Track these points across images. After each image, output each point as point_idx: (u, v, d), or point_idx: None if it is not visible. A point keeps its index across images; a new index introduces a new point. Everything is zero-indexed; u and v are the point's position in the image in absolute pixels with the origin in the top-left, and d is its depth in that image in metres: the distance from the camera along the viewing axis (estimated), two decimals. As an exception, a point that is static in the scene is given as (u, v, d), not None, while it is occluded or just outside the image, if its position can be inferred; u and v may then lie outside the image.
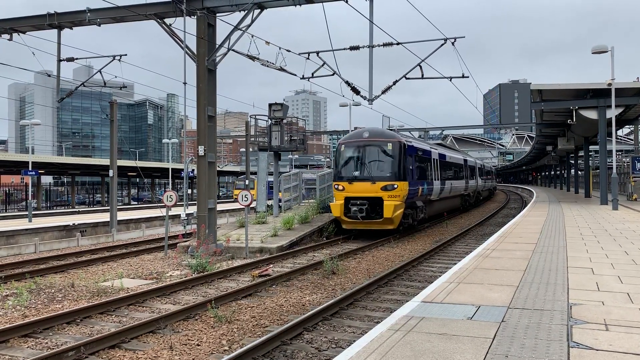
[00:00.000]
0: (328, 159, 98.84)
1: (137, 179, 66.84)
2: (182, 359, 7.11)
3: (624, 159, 53.08)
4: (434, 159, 25.05)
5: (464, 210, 35.84)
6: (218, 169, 46.35)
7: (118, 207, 29.42)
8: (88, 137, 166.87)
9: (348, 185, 19.89)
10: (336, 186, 20.30)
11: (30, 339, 8.22)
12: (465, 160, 35.55)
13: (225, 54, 16.99)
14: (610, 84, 24.10)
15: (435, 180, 24.71)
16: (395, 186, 19.36)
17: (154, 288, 11.25)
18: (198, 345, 7.68)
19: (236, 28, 16.43)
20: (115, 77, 20.34)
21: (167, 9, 16.73)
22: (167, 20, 16.92)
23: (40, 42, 18.63)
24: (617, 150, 45.00)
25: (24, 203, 53.04)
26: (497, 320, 5.76)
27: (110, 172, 26.91)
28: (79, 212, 39.84)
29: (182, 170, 45.03)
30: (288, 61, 18.33)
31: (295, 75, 18.61)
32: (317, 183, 25.31)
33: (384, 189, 19.33)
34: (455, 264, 10.61)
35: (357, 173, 19.95)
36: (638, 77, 28.00)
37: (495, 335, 5.22)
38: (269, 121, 23.89)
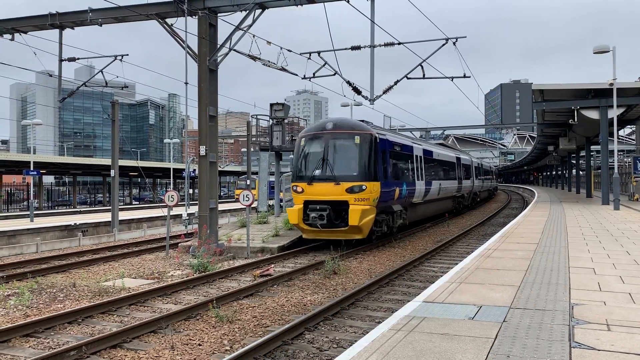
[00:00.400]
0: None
1: (139, 179, 66.87)
2: (183, 359, 7.11)
3: (625, 159, 53.03)
4: (417, 156, 22.17)
5: (458, 214, 32.97)
6: (219, 169, 46.35)
7: (119, 207, 29.44)
8: (89, 137, 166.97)
9: (307, 187, 16.79)
10: (294, 187, 17.21)
11: (32, 339, 8.22)
12: (458, 158, 32.46)
13: (226, 54, 16.99)
14: (611, 84, 24.07)
15: (418, 180, 21.86)
16: (364, 187, 16.34)
17: (156, 288, 11.26)
18: (199, 345, 7.68)
19: (237, 28, 16.43)
20: (117, 77, 20.38)
21: (168, 9, 16.74)
22: (169, 20, 16.93)
23: (41, 42, 18.65)
24: (618, 150, 44.94)
25: (25, 203, 53.12)
26: (498, 320, 5.76)
27: (112, 172, 26.93)
28: (80, 212, 39.87)
29: (184, 170, 45.06)
30: (289, 61, 18.34)
31: (296, 75, 18.61)
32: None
33: (350, 190, 16.33)
34: (457, 263, 10.62)
35: (318, 172, 16.77)
36: (640, 77, 27.94)
37: (496, 335, 5.21)
38: (271, 121, 23.91)
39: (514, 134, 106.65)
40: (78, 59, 19.99)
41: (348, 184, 16.39)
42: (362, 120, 17.98)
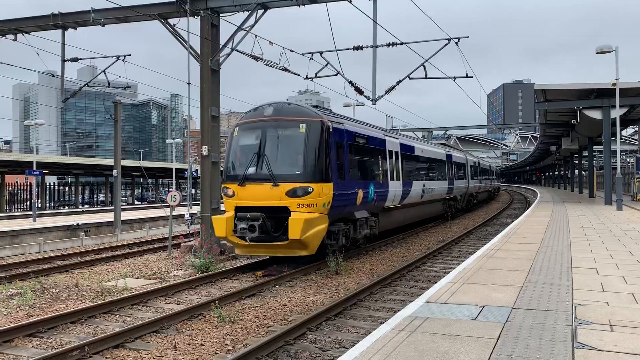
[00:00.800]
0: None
1: (141, 179, 67.00)
2: (186, 359, 7.12)
3: (628, 159, 52.94)
4: (391, 152, 18.57)
5: (449, 218, 29.03)
6: (221, 169, 46.30)
7: (122, 207, 29.48)
8: (92, 137, 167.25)
9: (239, 189, 13.43)
10: (224, 190, 13.83)
11: (34, 339, 8.24)
12: (449, 155, 28.67)
13: (229, 54, 17.01)
14: (614, 84, 24.04)
15: (393, 180, 18.39)
16: (310, 189, 12.87)
17: (158, 288, 11.27)
18: (202, 345, 7.68)
19: (240, 28, 16.44)
20: (119, 77, 20.42)
21: (171, 9, 16.76)
22: (171, 21, 16.96)
23: (44, 43, 18.70)
24: (621, 151, 44.87)
25: (28, 203, 53.26)
26: (501, 320, 5.75)
27: (114, 172, 26.96)
28: (82, 212, 39.94)
29: (186, 170, 45.12)
30: (291, 61, 18.30)
31: (298, 75, 18.60)
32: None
33: (292, 193, 12.87)
34: (459, 264, 10.60)
35: (251, 170, 13.43)
36: (643, 77, 27.92)
37: (499, 335, 5.20)
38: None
39: (517, 134, 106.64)
40: (80, 59, 20.04)
41: (289, 185, 12.94)
42: (316, 106, 14.88)
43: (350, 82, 18.62)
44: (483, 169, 43.42)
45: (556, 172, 78.53)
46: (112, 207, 28.27)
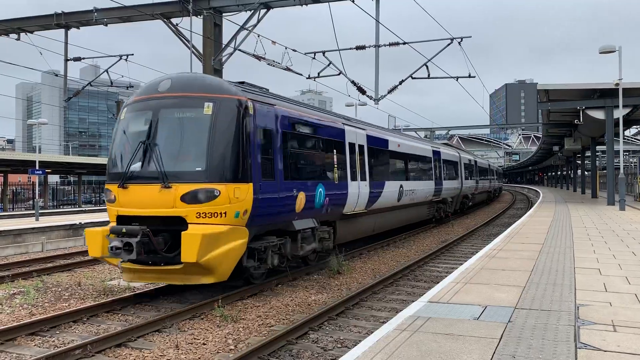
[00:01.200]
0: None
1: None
2: (188, 358, 7.12)
3: (631, 160, 52.85)
4: (353, 145, 15.03)
5: (438, 223, 26.17)
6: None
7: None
8: (95, 136, 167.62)
9: (121, 192, 10.04)
10: (106, 193, 10.44)
11: (37, 337, 8.25)
12: (437, 152, 25.20)
13: (231, 54, 17.03)
14: (617, 84, 24.00)
15: (355, 180, 14.94)
16: (217, 192, 9.51)
17: (160, 287, 11.27)
18: (204, 344, 7.69)
19: (242, 28, 16.45)
20: (122, 76, 20.45)
21: (173, 9, 16.79)
22: (174, 20, 17.01)
23: (47, 42, 18.83)
24: (624, 151, 44.78)
25: (30, 202, 53.36)
26: (503, 320, 5.74)
27: (117, 172, 26.96)
28: (85, 212, 40.01)
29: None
30: (294, 61, 18.31)
31: (301, 74, 18.63)
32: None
33: (190, 199, 9.52)
34: (462, 264, 10.60)
35: (135, 167, 9.96)
36: (646, 77, 27.87)
37: (502, 335, 5.20)
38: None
39: (519, 134, 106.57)
40: (83, 58, 20.08)
41: (186, 187, 9.49)
42: (241, 82, 11.33)
43: (352, 82, 18.63)
44: (481, 168, 40.27)
45: (559, 173, 78.42)
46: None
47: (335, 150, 13.88)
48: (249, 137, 10.07)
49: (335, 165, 13.83)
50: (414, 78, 19.18)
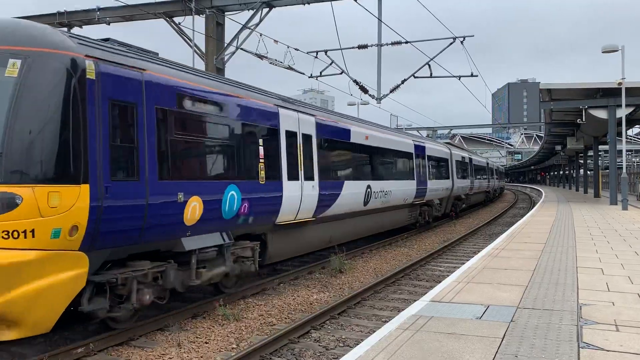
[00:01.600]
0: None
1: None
2: (190, 357, 7.13)
3: (633, 159, 52.76)
4: (292, 133, 11.73)
5: (423, 228, 23.06)
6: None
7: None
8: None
9: None
10: None
11: (39, 336, 8.26)
12: (420, 147, 21.66)
13: (233, 53, 17.04)
14: (620, 84, 23.95)
15: (297, 178, 11.74)
16: (18, 199, 6.13)
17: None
18: (206, 343, 7.70)
19: (245, 27, 16.46)
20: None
21: (176, 8, 16.81)
22: (176, 19, 17.03)
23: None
24: (627, 150, 44.69)
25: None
26: (506, 320, 5.74)
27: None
28: None
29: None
30: (296, 60, 18.38)
31: (303, 73, 18.63)
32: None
33: None
34: (464, 263, 10.59)
35: None
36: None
37: (504, 335, 5.19)
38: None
39: (521, 134, 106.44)
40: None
41: None
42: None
43: (355, 81, 18.63)
44: (477, 166, 36.45)
45: (561, 172, 78.34)
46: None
47: (262, 140, 10.50)
48: (86, 114, 6.76)
49: (262, 160, 10.43)
50: (417, 77, 19.18)
